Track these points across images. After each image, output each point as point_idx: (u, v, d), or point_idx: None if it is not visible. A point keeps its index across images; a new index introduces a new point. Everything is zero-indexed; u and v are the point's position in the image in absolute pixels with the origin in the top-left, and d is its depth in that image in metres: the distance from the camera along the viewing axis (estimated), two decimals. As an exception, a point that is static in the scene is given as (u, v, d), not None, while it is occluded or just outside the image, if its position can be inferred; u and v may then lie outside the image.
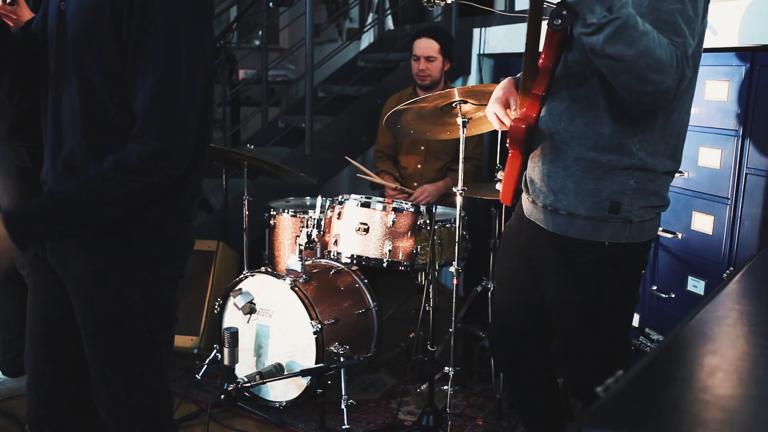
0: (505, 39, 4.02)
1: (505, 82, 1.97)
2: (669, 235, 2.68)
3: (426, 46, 3.58)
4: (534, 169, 1.85)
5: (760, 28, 2.34)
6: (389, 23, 5.45)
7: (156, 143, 1.41)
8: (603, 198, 1.75)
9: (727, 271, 1.66)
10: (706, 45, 2.55)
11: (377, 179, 3.46)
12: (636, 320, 2.84)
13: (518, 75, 1.96)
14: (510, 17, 3.87)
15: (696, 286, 2.59)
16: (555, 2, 1.59)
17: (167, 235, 1.59)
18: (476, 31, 4.24)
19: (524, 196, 1.94)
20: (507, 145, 1.85)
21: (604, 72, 1.58)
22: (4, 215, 1.39)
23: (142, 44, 1.40)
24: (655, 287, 2.76)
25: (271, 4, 3.23)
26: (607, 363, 1.85)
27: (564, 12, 1.58)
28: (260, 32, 6.78)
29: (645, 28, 1.50)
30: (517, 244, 1.99)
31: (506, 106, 1.91)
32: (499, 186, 2.01)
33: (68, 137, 1.51)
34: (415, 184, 3.71)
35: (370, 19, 5.66)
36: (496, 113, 1.92)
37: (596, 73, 1.68)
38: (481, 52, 4.20)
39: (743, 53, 2.40)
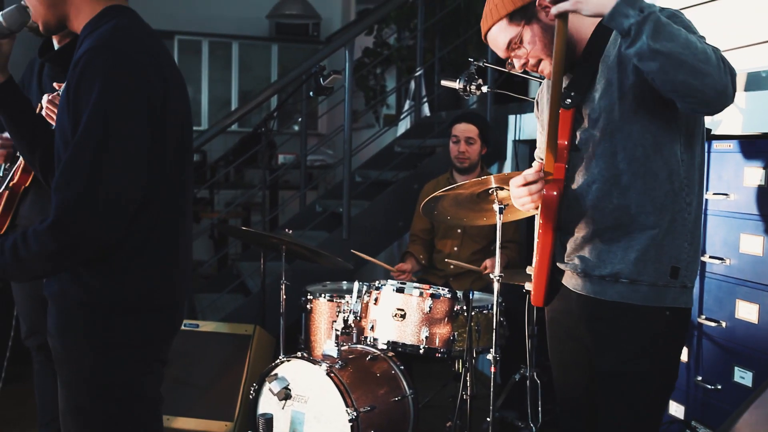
0: (540, 125, 4.06)
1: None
2: (712, 324, 2.62)
3: (466, 129, 3.67)
4: (583, 247, 1.84)
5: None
6: (425, 110, 5.56)
7: (55, 215, 1.48)
8: (665, 263, 1.77)
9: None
10: (743, 131, 2.56)
11: (372, 259, 3.48)
12: (681, 412, 2.75)
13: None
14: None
15: (743, 377, 2.51)
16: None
17: (133, 318, 1.61)
18: (511, 118, 4.31)
19: (569, 273, 1.91)
20: (538, 220, 1.83)
21: (657, 79, 1.58)
22: None
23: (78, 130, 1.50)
24: (700, 378, 2.68)
25: (311, 93, 3.34)
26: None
27: (572, 93, 1.75)
28: (299, 118, 6.98)
29: (676, 24, 1.56)
30: (567, 325, 1.96)
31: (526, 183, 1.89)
32: (529, 285, 1.99)
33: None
34: (452, 267, 3.70)
35: (406, 106, 5.79)
36: (520, 184, 1.87)
37: (634, 136, 1.73)
38: (517, 139, 4.25)
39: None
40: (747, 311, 2.50)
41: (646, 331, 1.80)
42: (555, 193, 1.78)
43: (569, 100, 1.77)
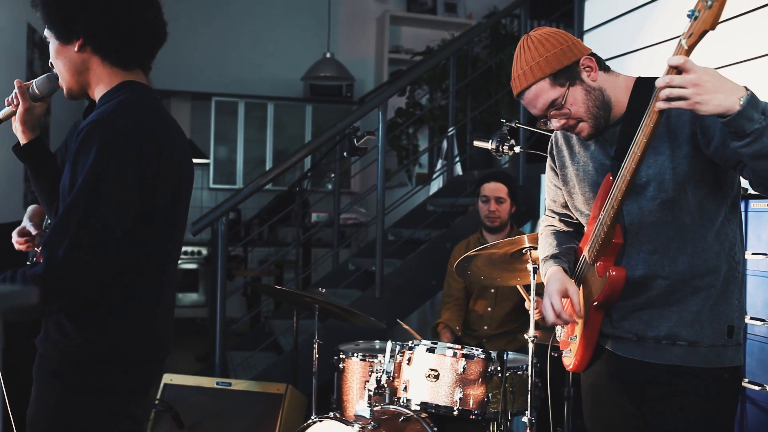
0: (573, 184, 4.06)
1: (555, 272, 1.94)
2: (756, 387, 2.55)
3: (495, 188, 3.68)
4: (635, 313, 1.81)
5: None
6: (458, 169, 5.60)
7: (43, 268, 1.56)
8: (721, 323, 1.76)
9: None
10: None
11: (415, 334, 3.44)
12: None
13: (557, 255, 1.99)
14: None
15: (789, 443, 2.42)
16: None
17: (104, 368, 1.67)
18: (544, 177, 4.31)
19: (617, 338, 1.87)
20: (596, 304, 1.81)
21: (760, 173, 1.56)
22: None
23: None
24: (743, 443, 2.60)
25: (345, 153, 3.39)
26: None
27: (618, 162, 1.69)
28: (332, 175, 7.06)
29: None
30: (614, 390, 1.91)
31: (564, 296, 1.89)
32: (567, 356, 1.96)
33: None
34: (486, 327, 3.67)
35: (439, 165, 5.84)
36: (554, 307, 1.87)
37: (683, 205, 1.73)
38: (550, 197, 4.24)
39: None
40: (791, 375, 2.43)
41: (705, 393, 1.76)
42: (622, 274, 1.75)
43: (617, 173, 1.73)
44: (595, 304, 1.81)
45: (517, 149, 2.83)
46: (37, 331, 1.82)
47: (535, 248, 2.63)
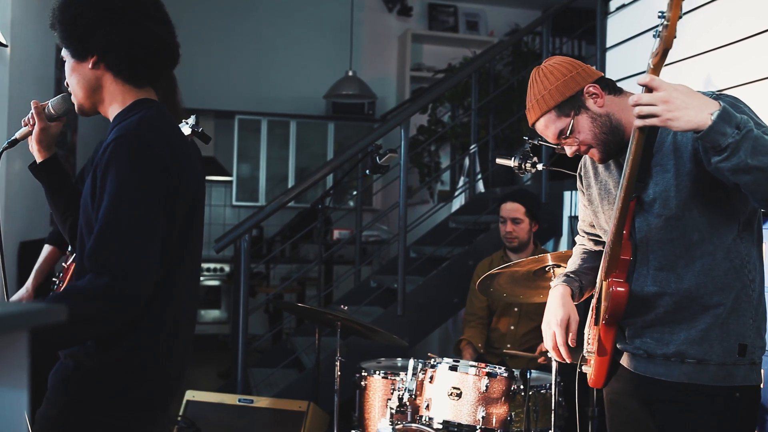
0: (596, 202, 4.04)
1: (558, 295, 1.99)
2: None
3: (512, 209, 3.66)
4: (645, 330, 1.82)
5: None
6: (480, 186, 5.60)
7: (93, 282, 1.54)
8: (732, 342, 1.74)
9: None
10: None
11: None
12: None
13: (570, 274, 2.04)
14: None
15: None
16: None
17: (120, 383, 1.66)
18: (567, 194, 4.30)
19: (630, 355, 1.87)
20: (604, 320, 1.81)
21: (749, 190, 1.57)
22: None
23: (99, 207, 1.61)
24: (772, 465, 2.54)
25: (368, 171, 3.40)
26: None
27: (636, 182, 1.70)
28: (354, 193, 7.07)
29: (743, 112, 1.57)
30: (630, 407, 1.90)
31: (568, 329, 1.95)
32: (586, 368, 1.96)
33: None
34: (509, 345, 3.65)
35: (461, 183, 5.84)
36: (557, 340, 1.96)
37: (690, 222, 1.73)
38: (572, 215, 4.22)
39: None
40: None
41: (717, 412, 1.75)
42: (624, 292, 1.76)
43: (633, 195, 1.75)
44: (603, 321, 1.82)
45: (539, 167, 2.82)
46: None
47: (559, 266, 2.62)
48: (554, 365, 2.59)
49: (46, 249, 2.82)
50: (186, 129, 2.10)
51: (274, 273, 7.29)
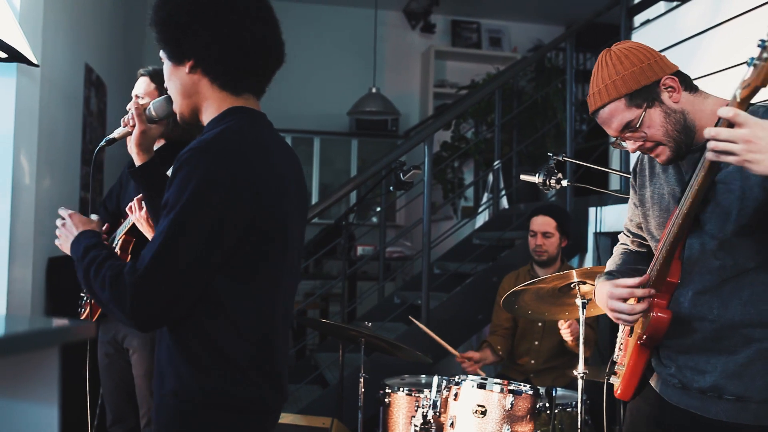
0: (621, 218, 3.99)
1: (601, 286, 1.84)
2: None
3: (543, 222, 3.65)
4: (679, 355, 1.72)
5: None
6: (504, 202, 5.58)
7: (128, 279, 1.51)
8: None
9: None
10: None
11: (440, 341, 3.42)
12: None
13: (611, 272, 1.92)
14: (626, 198, 3.89)
15: None
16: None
17: (222, 416, 1.58)
18: (592, 210, 4.27)
19: (662, 380, 1.79)
20: (641, 342, 1.74)
21: None
22: (74, 238, 1.73)
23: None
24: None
25: (391, 187, 3.40)
26: None
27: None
28: (377, 209, 7.08)
29: None
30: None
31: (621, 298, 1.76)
32: (614, 379, 1.91)
33: None
34: (533, 361, 3.63)
35: (485, 199, 5.83)
36: (625, 317, 1.73)
37: (745, 249, 1.61)
38: (598, 231, 4.20)
39: None
40: None
41: None
42: (666, 317, 1.66)
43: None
44: (639, 342, 1.74)
45: (564, 183, 2.81)
46: (84, 360, 1.82)
47: (584, 282, 2.60)
48: (580, 383, 2.56)
49: None
50: None
51: (297, 289, 7.30)
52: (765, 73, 1.28)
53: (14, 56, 2.98)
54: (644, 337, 1.70)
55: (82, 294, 2.81)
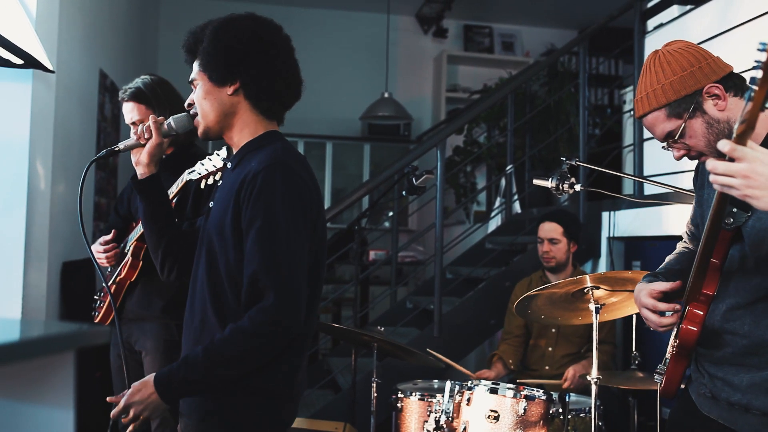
0: (634, 222, 3.99)
1: (638, 289, 1.80)
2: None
3: (549, 229, 3.64)
4: (711, 366, 1.72)
5: None
6: (516, 207, 5.57)
7: (264, 316, 1.62)
8: None
9: None
10: None
11: (456, 365, 3.41)
12: None
13: (654, 273, 1.87)
14: (639, 202, 3.87)
15: None
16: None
17: (270, 405, 1.73)
18: (605, 215, 4.25)
19: (696, 387, 1.79)
20: (673, 351, 1.73)
21: None
22: (154, 379, 1.69)
23: (248, 232, 1.65)
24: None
25: (404, 192, 3.41)
26: None
27: (734, 210, 1.52)
28: (390, 214, 7.08)
29: None
30: None
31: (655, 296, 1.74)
32: (658, 377, 1.89)
33: (198, 312, 1.76)
34: (547, 367, 3.61)
35: (497, 203, 5.81)
36: (651, 320, 1.74)
37: None
38: (611, 236, 4.18)
39: None
40: None
41: None
42: (695, 330, 1.63)
43: (731, 219, 1.56)
44: (673, 350, 1.74)
45: (577, 188, 2.80)
46: (101, 364, 1.87)
47: (597, 288, 2.59)
48: (594, 389, 2.55)
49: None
50: (218, 161, 2.12)
51: (312, 293, 7.30)
52: (757, 111, 1.23)
53: (30, 62, 3.01)
54: (676, 345, 1.69)
55: (95, 297, 2.83)
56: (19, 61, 2.98)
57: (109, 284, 2.66)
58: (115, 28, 5.25)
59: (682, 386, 1.83)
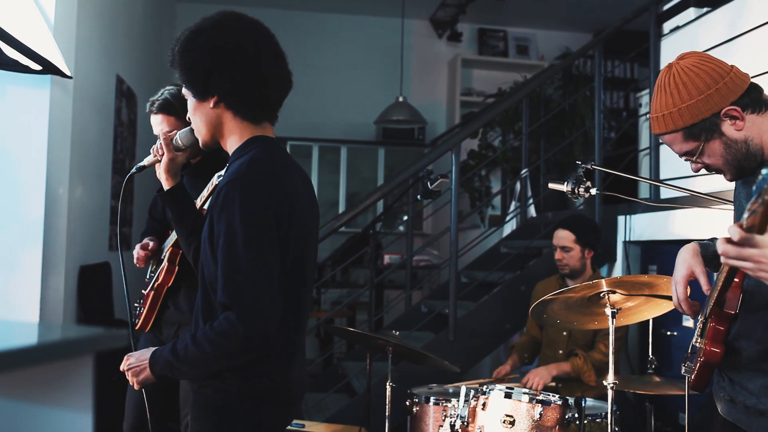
0: (650, 226, 3.97)
1: (684, 251, 1.78)
2: None
3: (562, 237, 3.62)
4: (728, 370, 1.76)
5: None
6: (531, 211, 5.55)
7: (225, 324, 1.69)
8: None
9: None
10: None
11: (473, 383, 3.42)
12: None
13: (702, 240, 1.85)
14: (655, 206, 3.85)
15: None
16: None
17: (258, 410, 1.79)
18: (621, 219, 4.23)
19: (717, 390, 1.82)
20: (698, 366, 1.75)
21: None
22: (152, 351, 1.85)
23: (218, 245, 1.72)
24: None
25: (419, 196, 3.41)
26: None
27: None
28: (404, 218, 7.08)
29: None
30: None
31: (689, 278, 1.74)
32: (685, 371, 1.89)
33: (197, 311, 1.85)
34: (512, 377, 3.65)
35: (512, 207, 5.80)
36: (678, 295, 1.75)
37: None
38: (627, 240, 4.15)
39: None
40: None
41: None
42: (718, 352, 1.66)
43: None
44: (697, 369, 1.75)
45: (593, 191, 2.79)
46: (117, 369, 1.91)
47: (614, 292, 2.58)
48: (610, 394, 2.53)
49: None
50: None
51: (325, 298, 7.32)
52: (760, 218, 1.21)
53: (48, 68, 3.04)
54: (699, 366, 1.72)
55: (136, 305, 2.84)
56: (38, 67, 3.01)
57: (147, 291, 2.69)
58: (132, 33, 5.29)
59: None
